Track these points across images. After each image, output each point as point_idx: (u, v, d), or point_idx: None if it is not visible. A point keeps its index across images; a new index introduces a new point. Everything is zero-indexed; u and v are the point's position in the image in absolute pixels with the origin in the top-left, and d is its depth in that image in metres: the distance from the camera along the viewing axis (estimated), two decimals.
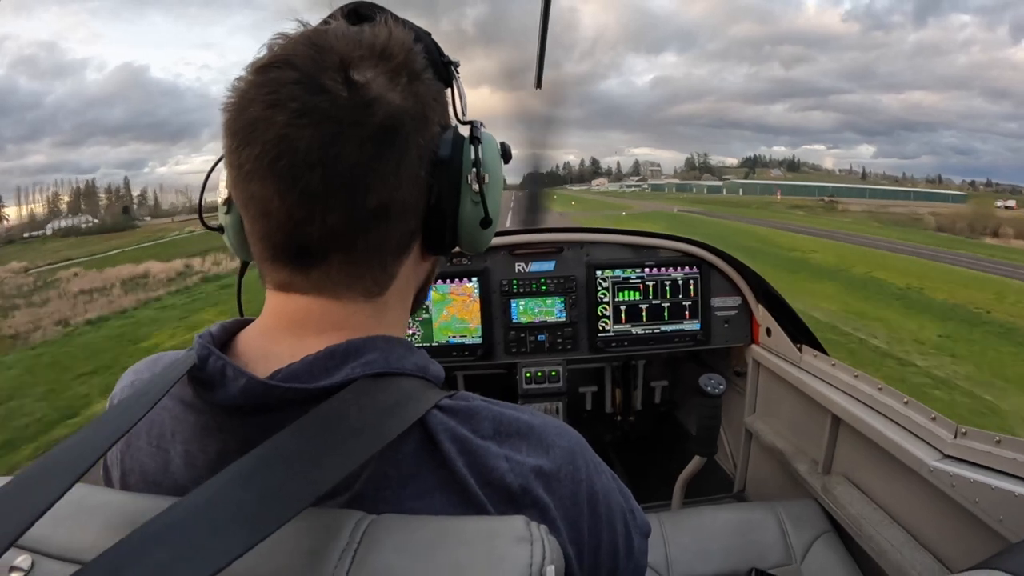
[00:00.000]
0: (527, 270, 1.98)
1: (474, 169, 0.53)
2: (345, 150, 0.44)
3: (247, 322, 0.53)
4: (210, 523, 0.35)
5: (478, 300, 1.94)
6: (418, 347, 0.54)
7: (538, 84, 1.75)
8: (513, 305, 1.97)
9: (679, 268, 1.97)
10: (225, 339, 0.51)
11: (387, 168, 0.46)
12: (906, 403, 1.26)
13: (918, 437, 1.19)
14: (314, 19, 0.52)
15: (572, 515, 0.49)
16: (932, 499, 1.13)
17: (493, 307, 1.95)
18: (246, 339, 0.51)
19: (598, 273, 1.96)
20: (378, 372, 0.47)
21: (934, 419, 1.17)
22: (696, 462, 1.77)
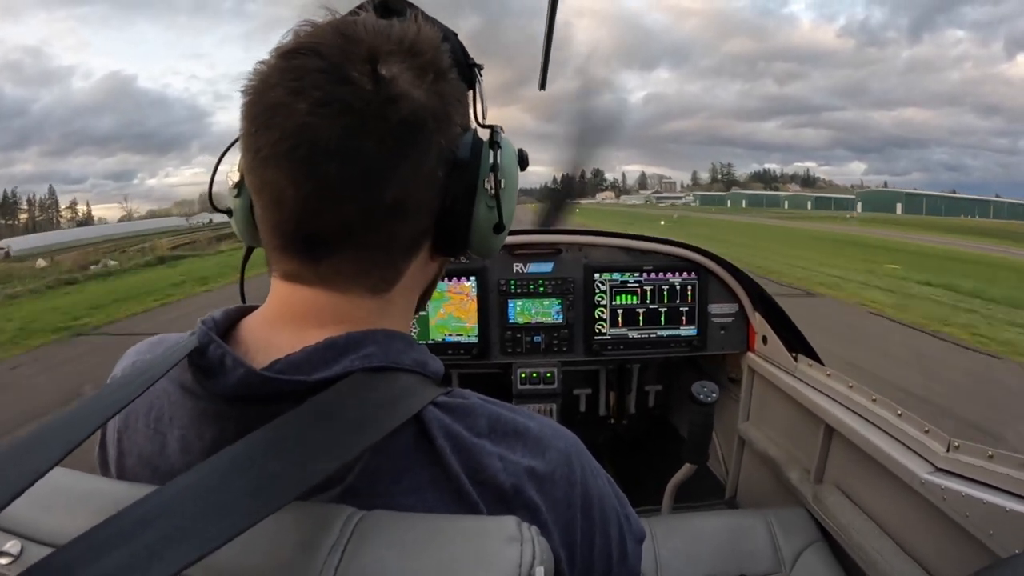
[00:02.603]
0: (525, 271, 1.98)
1: (491, 173, 0.53)
2: (365, 143, 0.44)
3: (250, 309, 0.53)
4: (198, 508, 0.35)
5: (475, 299, 1.94)
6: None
7: (542, 86, 1.74)
8: (510, 305, 1.96)
9: (677, 273, 1.97)
10: (227, 325, 0.51)
11: (406, 165, 0.46)
12: (899, 415, 1.26)
13: (911, 449, 1.19)
14: None
15: (565, 518, 0.49)
16: (923, 511, 1.13)
17: (490, 306, 1.95)
18: (249, 327, 0.51)
19: (596, 276, 1.96)
20: (376, 366, 0.47)
21: (927, 432, 1.17)
22: (686, 469, 1.77)
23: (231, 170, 0.55)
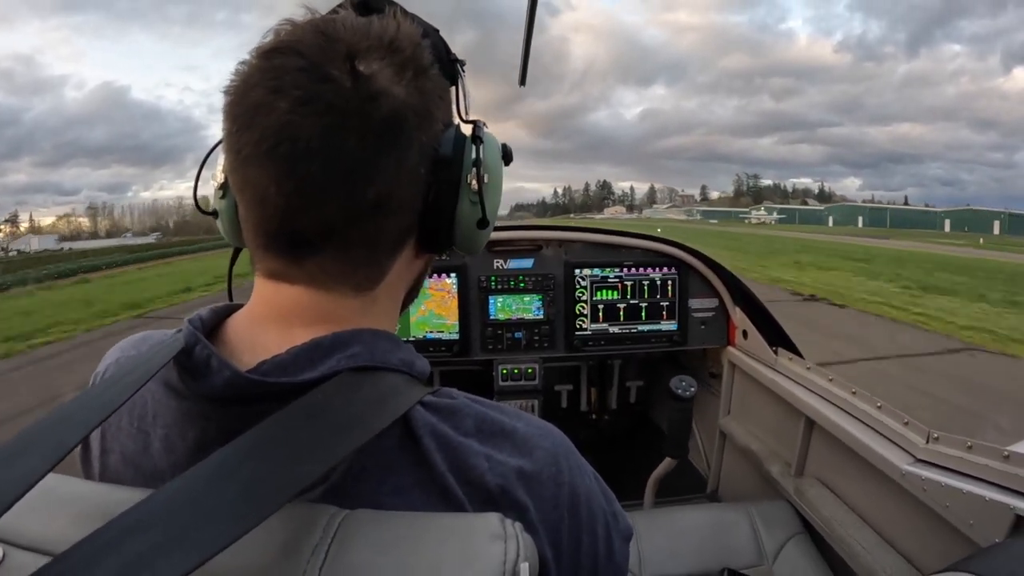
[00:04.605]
0: (506, 267, 1.97)
1: (474, 169, 0.52)
2: (347, 141, 0.43)
3: (237, 307, 0.52)
4: (191, 514, 0.34)
5: (456, 296, 1.92)
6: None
7: (522, 82, 1.72)
8: (491, 302, 1.95)
9: (657, 268, 1.98)
10: (214, 324, 0.50)
11: (387, 162, 0.46)
12: (879, 407, 1.27)
13: (891, 441, 1.20)
14: None
15: (552, 517, 0.49)
16: (904, 502, 1.14)
17: (471, 303, 1.94)
18: (234, 327, 0.50)
19: (576, 272, 1.96)
20: (363, 365, 0.47)
21: (907, 424, 1.18)
22: (667, 463, 1.78)
23: (216, 172, 0.55)
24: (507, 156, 0.58)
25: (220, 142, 0.50)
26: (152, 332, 0.57)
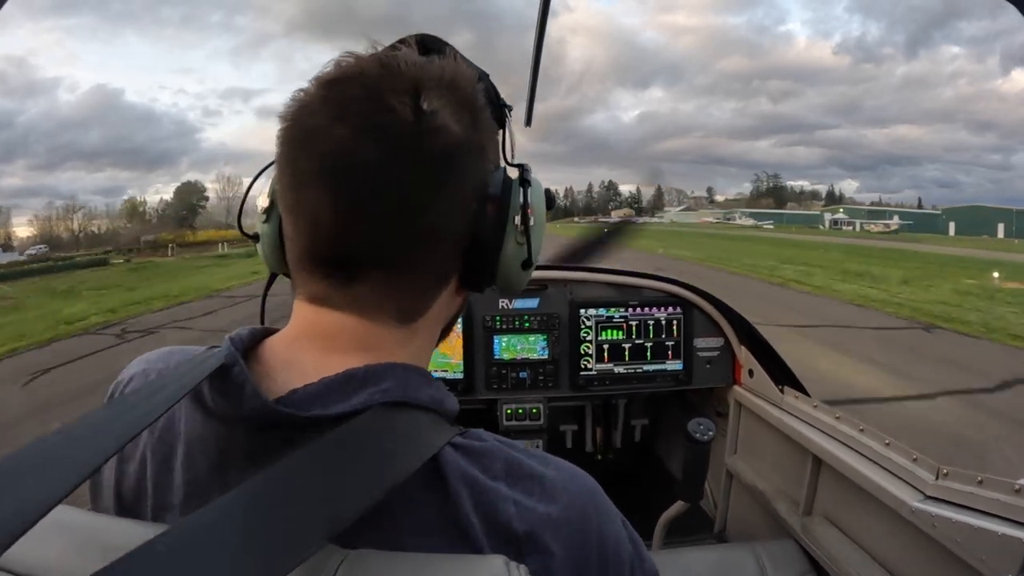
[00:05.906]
0: (511, 306, 1.98)
1: (521, 210, 0.54)
2: (404, 171, 0.45)
3: (273, 331, 0.53)
4: (218, 551, 0.34)
5: (460, 335, 1.93)
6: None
7: (528, 122, 1.78)
8: (495, 341, 1.96)
9: (662, 308, 1.99)
10: (252, 345, 0.50)
11: (441, 195, 0.47)
12: (887, 444, 1.27)
13: (899, 478, 1.20)
14: (295, 44, 0.51)
15: (580, 562, 0.48)
16: (914, 539, 1.13)
17: (475, 342, 1.95)
18: (272, 347, 0.51)
19: (581, 311, 1.97)
20: (394, 401, 0.47)
21: (915, 460, 1.18)
22: (679, 506, 1.75)
23: (260, 195, 0.56)
24: (550, 201, 0.60)
25: (270, 164, 0.51)
26: (178, 348, 0.57)
